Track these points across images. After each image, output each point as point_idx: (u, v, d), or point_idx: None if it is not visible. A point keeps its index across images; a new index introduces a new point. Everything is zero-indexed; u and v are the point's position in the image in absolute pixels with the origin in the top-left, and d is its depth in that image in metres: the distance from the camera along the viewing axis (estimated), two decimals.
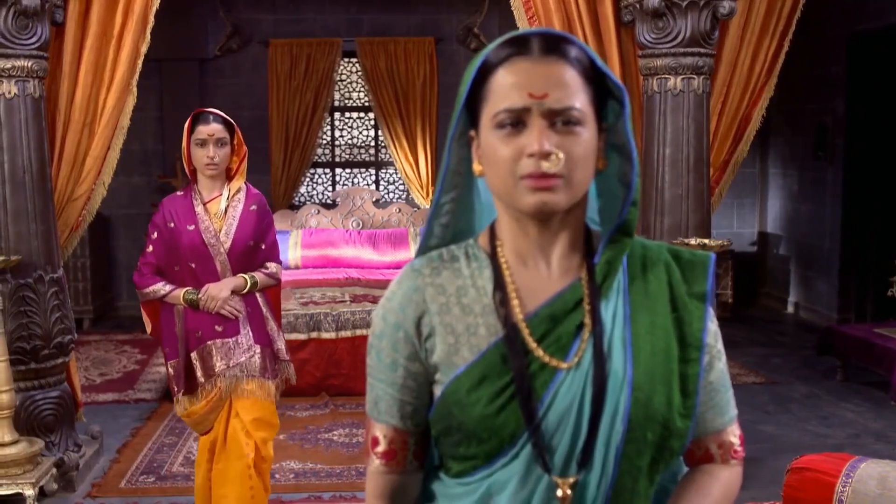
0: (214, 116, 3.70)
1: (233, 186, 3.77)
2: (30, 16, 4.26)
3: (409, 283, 1.43)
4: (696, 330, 1.40)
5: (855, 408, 6.00)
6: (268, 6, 9.05)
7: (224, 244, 3.69)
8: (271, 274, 3.84)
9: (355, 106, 9.52)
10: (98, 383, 6.70)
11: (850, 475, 2.89)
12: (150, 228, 3.79)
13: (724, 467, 1.48)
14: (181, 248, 3.68)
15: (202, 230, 3.67)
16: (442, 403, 1.39)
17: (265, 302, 3.85)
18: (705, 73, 4.60)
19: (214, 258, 3.69)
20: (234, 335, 3.70)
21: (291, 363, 3.92)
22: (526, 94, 1.30)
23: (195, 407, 3.73)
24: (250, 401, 3.71)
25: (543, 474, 1.34)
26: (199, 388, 3.71)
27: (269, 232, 3.85)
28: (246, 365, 3.70)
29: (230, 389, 3.69)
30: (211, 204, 3.74)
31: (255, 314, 3.77)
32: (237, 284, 3.71)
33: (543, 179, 1.29)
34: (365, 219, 8.50)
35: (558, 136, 1.30)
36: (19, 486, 4.18)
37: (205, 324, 3.68)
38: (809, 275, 8.76)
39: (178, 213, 3.71)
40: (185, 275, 3.70)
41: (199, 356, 3.70)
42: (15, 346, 4.41)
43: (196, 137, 3.66)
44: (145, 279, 3.74)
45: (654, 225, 4.67)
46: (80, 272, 8.27)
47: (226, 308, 3.66)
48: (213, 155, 3.65)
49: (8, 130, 4.36)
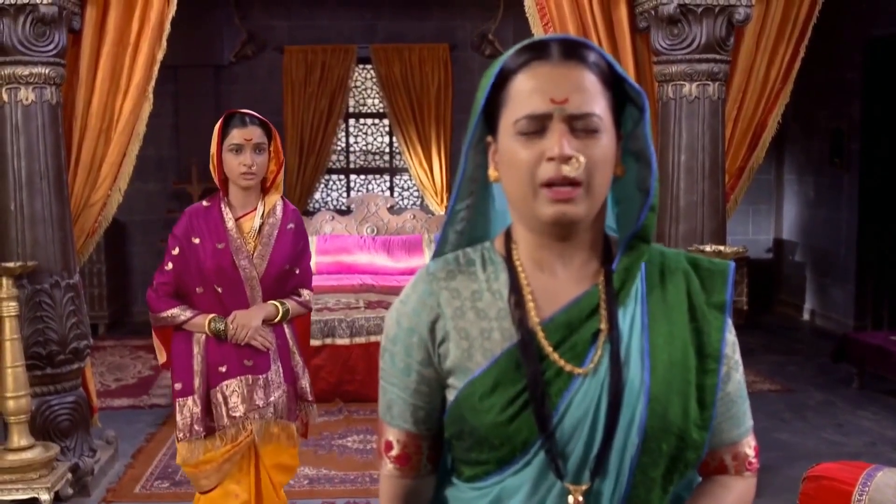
0: (251, 118, 3.23)
1: (269, 201, 3.31)
2: (47, 23, 4.29)
3: (424, 287, 1.42)
4: (714, 340, 1.38)
5: (871, 416, 5.96)
6: (283, 13, 9.09)
7: (258, 267, 3.23)
8: (304, 302, 3.40)
9: (370, 112, 9.54)
10: (113, 388, 6.73)
11: (866, 484, 2.87)
12: (171, 242, 3.29)
13: (738, 479, 1.46)
14: (206, 269, 3.21)
15: (233, 250, 3.20)
16: (455, 409, 1.38)
17: (292, 334, 3.41)
18: (721, 80, 4.59)
19: (245, 283, 3.22)
20: (265, 371, 3.24)
21: (315, 404, 3.51)
22: (548, 100, 1.29)
23: (212, 454, 3.20)
24: (273, 445, 3.29)
25: (556, 481, 1.33)
26: (216, 433, 3.21)
27: (304, 255, 3.41)
28: (275, 406, 3.25)
29: (261, 434, 3.24)
30: (244, 220, 3.27)
31: (282, 347, 3.33)
32: (269, 313, 3.26)
33: (563, 190, 1.28)
34: (379, 225, 8.50)
35: (578, 141, 1.29)
36: (35, 491, 4.20)
37: (231, 357, 3.21)
38: (825, 282, 8.72)
39: (205, 228, 3.23)
40: (209, 299, 3.23)
41: (221, 394, 3.21)
42: (31, 351, 4.42)
43: (230, 143, 3.18)
44: (161, 301, 3.26)
45: (670, 232, 4.66)
46: (96, 278, 8.32)
47: (257, 339, 3.20)
48: (250, 163, 3.17)
49: (25, 137, 4.38)
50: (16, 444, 4.23)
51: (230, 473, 3.26)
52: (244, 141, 3.16)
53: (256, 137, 3.19)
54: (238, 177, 3.19)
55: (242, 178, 3.19)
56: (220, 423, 3.20)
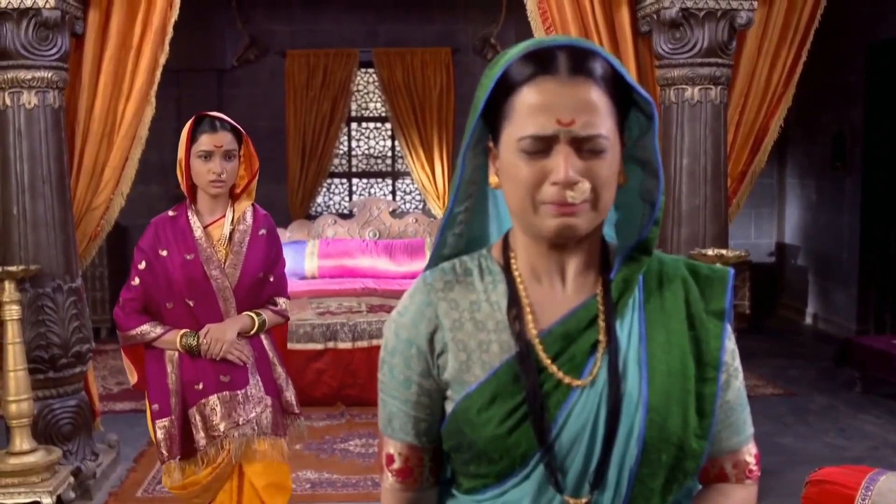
0: (221, 123, 3.09)
1: (238, 208, 3.18)
2: (50, 27, 4.30)
3: (422, 298, 1.40)
4: (713, 349, 1.37)
5: (874, 420, 5.96)
6: (285, 17, 9.10)
7: (230, 277, 3.08)
8: (280, 311, 3.25)
9: (372, 116, 9.55)
10: (115, 392, 6.73)
11: (869, 488, 2.87)
12: (137, 255, 3.12)
13: (739, 487, 1.45)
14: (176, 282, 3.05)
15: (203, 260, 3.05)
16: (453, 421, 1.36)
17: (271, 344, 3.26)
18: (723, 84, 4.58)
19: (217, 294, 3.07)
20: (242, 386, 3.08)
21: (302, 417, 3.31)
22: (554, 120, 1.25)
23: (195, 476, 3.07)
24: (262, 464, 3.11)
25: (556, 494, 1.32)
26: (198, 453, 3.06)
27: (278, 262, 3.27)
28: (257, 421, 3.09)
29: (240, 452, 3.07)
30: (212, 228, 3.13)
31: (261, 360, 3.18)
32: (244, 325, 3.11)
33: (567, 206, 1.26)
34: (381, 229, 8.51)
35: (583, 161, 1.26)
36: (37, 495, 4.20)
37: (207, 373, 3.05)
38: (828, 285, 8.71)
39: (172, 239, 3.07)
40: (180, 314, 3.08)
41: (199, 413, 3.05)
42: (33, 354, 4.43)
43: (198, 149, 3.04)
44: (130, 319, 3.10)
45: (672, 236, 4.65)
46: (98, 281, 8.33)
47: (233, 353, 3.05)
48: (219, 170, 3.03)
49: (28, 141, 4.39)
50: (18, 448, 4.23)
51: (224, 489, 3.14)
52: (214, 147, 3.03)
53: (226, 144, 3.05)
54: (207, 184, 3.06)
55: (211, 186, 3.06)
56: (200, 444, 3.05)
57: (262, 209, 3.27)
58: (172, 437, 3.05)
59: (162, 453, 3.08)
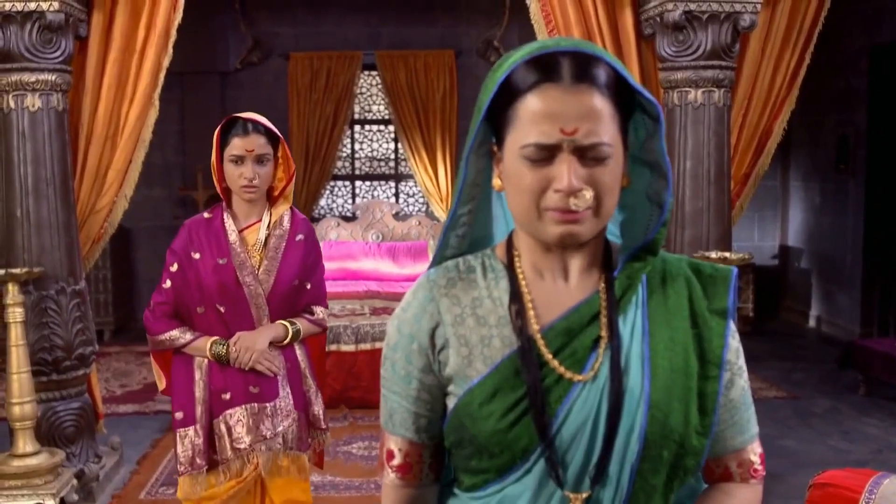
0: (254, 125, 2.95)
1: (276, 212, 3.05)
2: (54, 30, 4.30)
3: (424, 294, 1.41)
4: (716, 347, 1.37)
5: (878, 423, 5.95)
6: (288, 20, 9.11)
7: (264, 284, 2.96)
8: (317, 321, 3.12)
9: (375, 119, 9.55)
10: (118, 395, 6.73)
11: (873, 491, 2.86)
12: (169, 257, 3.01)
13: (744, 486, 1.45)
14: (207, 287, 2.94)
15: (237, 265, 2.93)
16: (454, 416, 1.37)
17: (305, 356, 3.14)
18: (726, 86, 4.58)
19: (249, 301, 2.95)
20: (272, 398, 2.97)
21: (329, 432, 3.24)
22: (557, 129, 1.25)
23: (216, 489, 2.95)
24: (284, 480, 3.01)
25: (556, 489, 1.32)
26: (220, 465, 2.95)
27: (317, 269, 3.14)
28: (285, 436, 2.99)
29: (269, 467, 2.97)
30: (248, 232, 3.00)
31: (293, 371, 3.07)
32: (277, 334, 2.98)
33: (570, 214, 1.27)
34: (385, 231, 8.51)
35: (586, 169, 1.27)
36: (40, 497, 4.19)
37: (236, 383, 2.94)
38: (831, 288, 8.70)
39: (205, 242, 2.96)
40: (211, 320, 2.97)
41: (225, 424, 2.95)
42: (37, 357, 4.43)
43: (230, 153, 2.91)
44: (159, 323, 2.99)
45: (675, 238, 4.65)
46: (102, 284, 8.34)
47: (262, 363, 2.93)
48: (251, 176, 2.91)
49: (32, 143, 4.39)
50: (21, 450, 4.23)
51: None
52: (245, 152, 2.90)
53: (259, 148, 2.92)
54: (239, 190, 2.94)
55: (244, 192, 2.93)
56: (224, 456, 2.94)
57: (300, 213, 3.14)
58: (195, 448, 2.93)
59: (181, 463, 2.96)
